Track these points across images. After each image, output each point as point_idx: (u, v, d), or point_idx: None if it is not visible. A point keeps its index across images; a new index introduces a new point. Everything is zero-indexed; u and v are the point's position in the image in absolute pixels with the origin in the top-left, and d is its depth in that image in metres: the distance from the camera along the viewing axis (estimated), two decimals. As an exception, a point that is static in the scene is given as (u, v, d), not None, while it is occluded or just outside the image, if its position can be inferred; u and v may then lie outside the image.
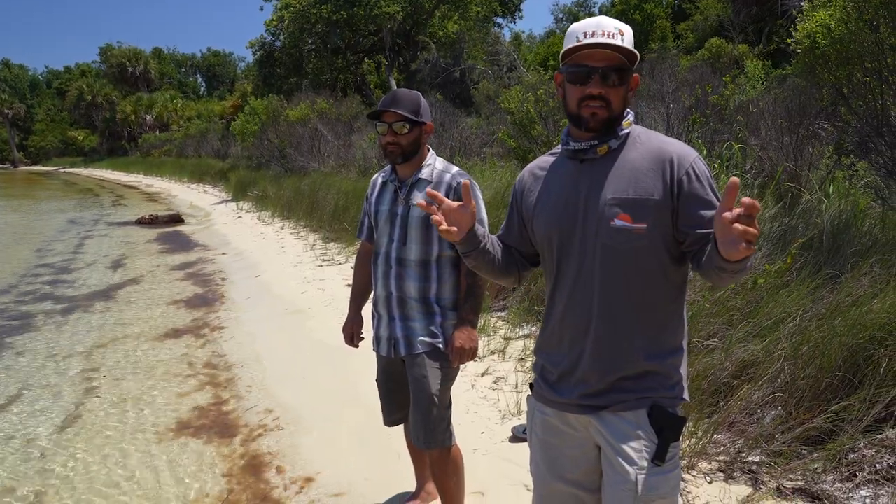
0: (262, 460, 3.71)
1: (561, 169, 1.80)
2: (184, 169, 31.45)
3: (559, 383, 1.79)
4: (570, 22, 45.21)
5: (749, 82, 10.11)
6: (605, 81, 1.66)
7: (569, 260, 1.73)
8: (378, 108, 2.48)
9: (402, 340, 2.56)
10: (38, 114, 79.82)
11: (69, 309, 7.38)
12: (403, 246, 2.52)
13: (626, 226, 1.64)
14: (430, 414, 2.52)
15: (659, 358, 1.72)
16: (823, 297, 3.54)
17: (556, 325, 1.80)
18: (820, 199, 5.66)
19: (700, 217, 1.62)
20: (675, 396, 1.74)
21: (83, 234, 13.94)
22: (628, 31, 1.67)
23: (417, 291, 2.53)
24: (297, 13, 24.37)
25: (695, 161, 1.66)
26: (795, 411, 2.99)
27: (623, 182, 1.66)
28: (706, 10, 25.25)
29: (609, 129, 1.70)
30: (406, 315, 2.56)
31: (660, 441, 1.68)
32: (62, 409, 4.58)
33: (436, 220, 1.70)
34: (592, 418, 1.75)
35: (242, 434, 4.07)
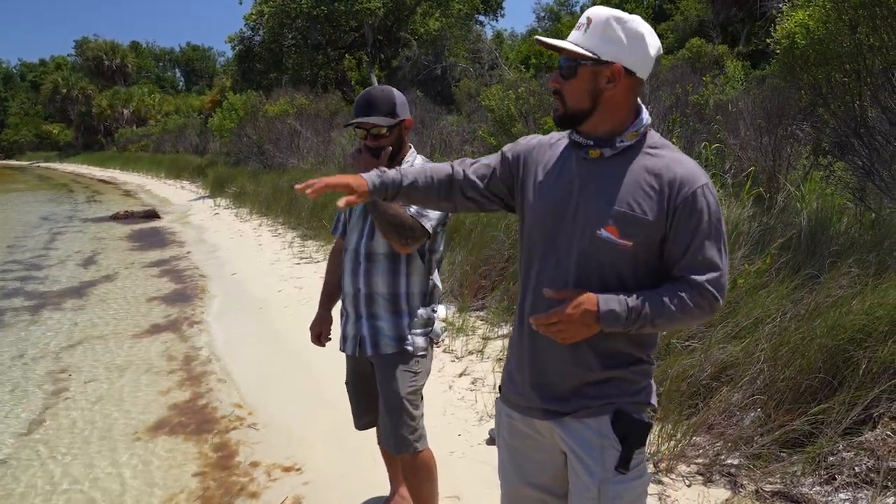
0: (234, 458, 3.64)
1: (566, 158, 1.68)
2: (161, 165, 31.01)
3: (524, 386, 1.73)
4: (551, 21, 45.34)
5: (729, 82, 10.16)
6: (561, 75, 1.61)
7: (547, 255, 1.65)
8: (354, 118, 2.42)
9: (369, 339, 2.48)
10: (11, 107, 78.25)
11: (39, 307, 7.20)
12: (371, 240, 2.45)
13: (610, 238, 1.56)
14: (399, 418, 2.46)
15: (622, 367, 1.66)
16: (803, 298, 3.53)
17: (523, 317, 1.73)
18: (796, 199, 5.68)
19: (688, 253, 1.56)
20: (640, 402, 1.68)
21: (56, 231, 13.66)
22: (598, 19, 1.56)
23: (386, 286, 2.45)
24: (276, 8, 24.11)
25: (702, 188, 1.56)
26: (775, 413, 2.96)
27: (619, 192, 1.57)
28: (686, 11, 25.41)
29: (569, 125, 1.64)
30: (373, 313, 2.48)
31: (623, 448, 1.62)
32: (29, 411, 4.45)
33: (300, 188, 1.66)
34: (555, 425, 1.69)
35: (215, 433, 3.98)
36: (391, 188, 1.74)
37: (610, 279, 1.59)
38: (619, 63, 1.55)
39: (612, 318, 1.53)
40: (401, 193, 1.76)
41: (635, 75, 1.58)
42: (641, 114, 1.63)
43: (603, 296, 1.54)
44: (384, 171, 1.76)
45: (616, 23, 1.54)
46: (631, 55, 1.55)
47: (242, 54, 27.13)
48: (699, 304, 1.56)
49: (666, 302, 1.55)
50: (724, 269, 1.59)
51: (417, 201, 1.84)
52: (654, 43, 1.57)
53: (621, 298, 1.54)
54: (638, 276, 1.60)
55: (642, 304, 1.54)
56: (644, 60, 1.58)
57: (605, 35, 1.54)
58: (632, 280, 1.60)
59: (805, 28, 4.72)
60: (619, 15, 1.55)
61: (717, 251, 1.57)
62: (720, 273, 1.57)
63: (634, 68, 1.57)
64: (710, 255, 1.56)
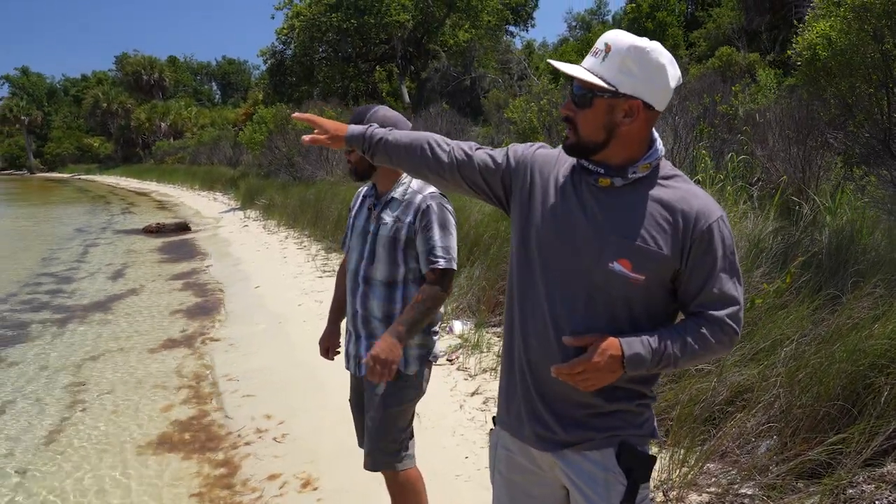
0: (243, 473, 3.62)
1: (575, 182, 1.59)
2: (195, 176, 31.60)
3: (522, 416, 1.65)
4: (582, 31, 45.15)
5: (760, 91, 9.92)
6: (574, 103, 1.52)
7: (550, 285, 1.57)
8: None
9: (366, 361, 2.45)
10: (54, 121, 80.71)
11: (66, 319, 7.33)
12: (371, 265, 2.44)
13: (623, 272, 1.48)
14: (379, 436, 2.44)
15: (626, 401, 1.59)
16: (823, 320, 3.38)
17: (517, 346, 1.65)
18: (825, 213, 5.49)
19: (705, 288, 1.51)
20: (644, 434, 1.61)
21: (89, 243, 13.96)
22: (617, 47, 1.45)
23: (381, 311, 2.43)
24: (307, 21, 24.43)
25: (717, 222, 1.50)
26: (791, 442, 2.83)
27: (633, 224, 1.49)
28: (719, 19, 25.01)
29: (580, 155, 1.55)
30: (370, 333, 2.46)
31: (629, 483, 1.55)
32: (46, 423, 4.50)
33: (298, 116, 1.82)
34: (556, 458, 1.62)
35: (225, 448, 3.97)
36: (370, 141, 1.76)
37: (620, 314, 1.52)
38: (639, 98, 1.47)
39: (637, 361, 1.47)
40: (381, 149, 1.76)
41: (653, 109, 1.50)
42: (655, 144, 1.56)
43: (625, 339, 1.48)
44: (372, 125, 1.80)
45: (637, 54, 1.44)
46: (651, 89, 1.47)
47: (274, 68, 27.52)
48: (720, 340, 1.51)
49: (689, 341, 1.50)
50: (742, 303, 1.55)
51: (400, 161, 1.77)
52: (674, 74, 1.49)
53: (644, 340, 1.48)
54: (650, 311, 1.54)
55: (665, 345, 1.48)
56: (664, 94, 1.49)
57: (625, 66, 1.45)
58: (644, 315, 1.54)
59: (826, 39, 4.56)
60: (641, 44, 1.45)
61: (734, 284, 1.53)
62: (739, 307, 1.53)
63: (653, 102, 1.48)
64: (728, 290, 1.52)
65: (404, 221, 2.40)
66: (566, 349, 1.52)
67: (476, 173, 1.70)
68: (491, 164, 1.69)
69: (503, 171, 1.68)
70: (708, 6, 29.18)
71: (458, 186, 1.74)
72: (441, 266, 2.34)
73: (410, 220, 2.39)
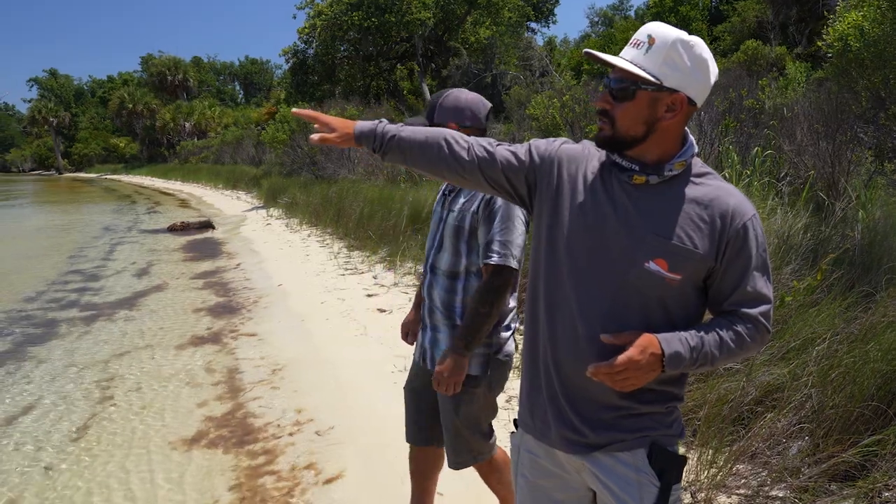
0: (270, 469, 3.65)
1: (605, 179, 1.55)
2: (219, 176, 31.92)
3: (548, 418, 1.62)
4: (605, 26, 44.79)
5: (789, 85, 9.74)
6: (611, 95, 1.49)
7: (581, 284, 1.53)
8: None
9: (429, 351, 2.48)
10: (82, 122, 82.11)
11: (93, 317, 7.42)
12: (438, 253, 2.44)
13: (659, 272, 1.46)
14: (455, 434, 2.44)
15: (658, 403, 1.56)
16: (856, 318, 3.30)
17: (542, 347, 1.62)
18: (857, 208, 5.37)
19: (740, 287, 1.49)
20: (673, 434, 1.58)
21: (115, 241, 14.15)
22: (662, 40, 1.43)
23: (442, 302, 2.41)
24: (328, 20, 24.52)
25: (751, 220, 1.48)
26: (823, 443, 2.76)
27: (668, 223, 1.47)
28: (744, 12, 24.65)
29: (614, 149, 1.52)
30: (434, 325, 2.46)
31: (662, 484, 1.52)
32: (75, 419, 4.55)
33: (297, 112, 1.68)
34: (585, 461, 1.58)
35: (254, 445, 3.99)
36: (381, 139, 1.65)
37: (654, 314, 1.50)
38: (683, 92, 1.45)
39: (677, 360, 1.45)
40: (394, 147, 1.65)
41: (694, 104, 1.48)
42: (689, 141, 1.53)
43: (663, 336, 1.45)
44: (382, 121, 1.68)
45: (683, 47, 1.42)
46: (695, 83, 1.46)
47: (296, 67, 27.66)
48: (754, 338, 1.50)
49: (725, 339, 1.48)
50: (772, 300, 1.54)
51: (414, 160, 1.67)
52: (714, 70, 1.48)
53: (682, 339, 1.46)
54: (683, 310, 1.52)
55: (702, 343, 1.46)
56: (705, 89, 1.48)
57: (670, 59, 1.42)
58: (678, 315, 1.51)
59: (859, 30, 4.44)
60: (686, 38, 1.43)
61: (766, 283, 1.52)
62: (771, 305, 1.53)
63: (696, 97, 1.47)
64: (761, 288, 1.50)
65: (469, 210, 2.33)
66: (598, 350, 1.49)
67: (499, 172, 1.63)
68: (514, 161, 1.64)
69: (527, 169, 1.63)
70: (732, 0, 28.78)
71: (478, 185, 1.68)
72: (493, 262, 2.23)
73: (475, 209, 2.32)
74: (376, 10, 23.90)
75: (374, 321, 6.32)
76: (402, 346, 5.45)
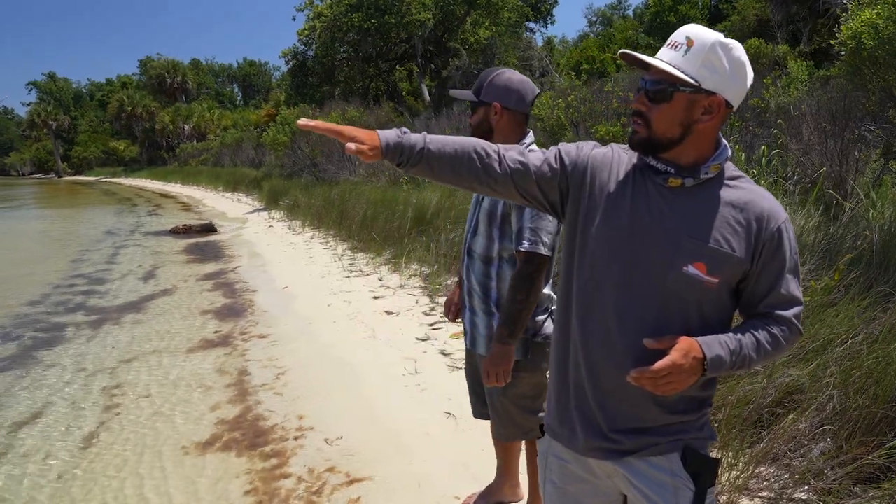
0: (284, 472, 3.63)
1: (639, 182, 1.53)
2: (219, 178, 31.88)
3: (578, 424, 1.60)
4: (603, 26, 44.78)
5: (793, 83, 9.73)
6: (647, 97, 1.48)
7: (619, 289, 1.51)
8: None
9: (470, 334, 2.55)
10: (81, 125, 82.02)
11: (99, 321, 7.40)
12: (474, 237, 2.48)
13: (698, 275, 1.45)
14: (501, 416, 2.55)
15: (692, 412, 1.56)
16: (875, 318, 3.28)
17: (573, 354, 1.60)
18: (867, 207, 5.35)
19: (774, 289, 1.50)
20: (705, 437, 1.58)
21: (118, 244, 14.12)
22: (701, 42, 1.42)
23: (480, 284, 2.46)
24: (328, 22, 24.48)
25: (784, 223, 1.49)
26: (847, 445, 2.74)
27: (706, 226, 1.46)
28: (743, 11, 24.63)
29: (648, 151, 1.50)
30: (473, 307, 2.51)
31: (697, 487, 1.51)
32: (85, 425, 4.53)
33: (303, 124, 1.54)
34: (618, 465, 1.57)
35: (266, 448, 3.97)
36: (408, 152, 1.55)
37: (692, 317, 1.49)
38: (721, 95, 1.44)
39: (718, 363, 1.44)
40: (423, 161, 1.56)
41: (731, 107, 1.48)
42: (723, 144, 1.52)
43: (703, 340, 1.45)
44: (405, 132, 1.58)
45: (722, 49, 1.42)
46: (732, 86, 1.45)
47: (296, 69, 27.62)
48: (788, 339, 1.52)
49: (762, 341, 1.49)
50: (803, 302, 1.55)
51: (443, 173, 1.58)
52: (751, 74, 1.48)
53: (721, 341, 1.46)
54: (719, 313, 1.52)
55: (741, 346, 1.47)
56: (742, 92, 1.48)
57: (709, 62, 1.42)
58: (714, 318, 1.51)
59: (873, 28, 4.43)
60: (724, 41, 1.43)
61: (797, 285, 1.53)
62: (802, 307, 1.54)
63: (733, 100, 1.47)
64: (793, 290, 1.51)
65: None
66: (635, 356, 1.47)
67: (532, 182, 1.59)
68: (547, 171, 1.60)
69: (559, 177, 1.61)
70: (732, -2, 28.77)
71: (509, 195, 1.63)
72: (524, 249, 2.25)
73: None
74: (376, 12, 23.87)
75: (382, 323, 6.30)
76: (411, 349, 5.44)
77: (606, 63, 26.19)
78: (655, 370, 1.41)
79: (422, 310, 6.58)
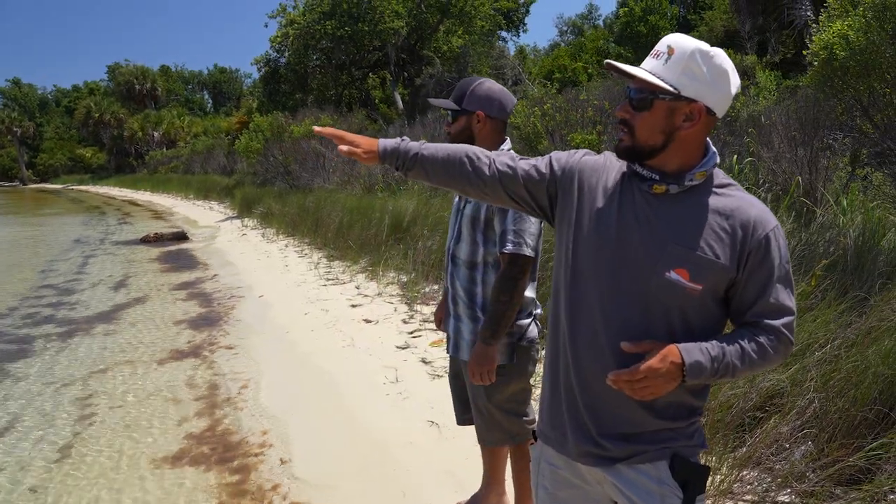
0: (259, 487, 3.55)
1: (626, 189, 1.55)
2: (190, 185, 31.48)
3: (568, 430, 1.61)
4: (574, 35, 45.30)
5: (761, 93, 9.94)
6: (631, 105, 1.50)
7: (604, 294, 1.52)
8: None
9: (453, 341, 2.56)
10: (46, 132, 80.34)
11: (70, 332, 7.23)
12: (457, 244, 2.50)
13: (680, 281, 1.45)
14: (487, 420, 2.54)
15: (682, 419, 1.56)
16: (852, 322, 3.35)
17: (563, 359, 1.61)
18: (836, 214, 5.47)
19: (762, 298, 1.49)
20: (695, 445, 1.58)
21: (87, 254, 13.84)
22: (681, 50, 1.44)
23: (464, 292, 2.48)
24: (301, 29, 24.38)
25: (774, 231, 1.48)
26: (827, 447, 2.79)
27: (690, 233, 1.47)
28: (711, 22, 25.13)
29: (634, 159, 1.52)
30: (457, 314, 2.52)
31: (685, 496, 1.51)
32: (57, 438, 4.41)
33: (319, 131, 1.74)
34: (607, 473, 1.58)
35: (240, 461, 3.91)
36: (403, 156, 1.68)
37: (676, 324, 1.49)
38: (701, 102, 1.45)
39: (697, 370, 1.44)
40: (417, 165, 1.68)
41: (714, 114, 1.48)
42: (711, 152, 1.53)
43: (683, 346, 1.45)
44: (404, 139, 1.71)
45: (701, 57, 1.43)
46: (714, 94, 1.46)
47: (268, 76, 27.45)
48: (776, 349, 1.50)
49: (747, 350, 1.47)
50: (795, 312, 1.53)
51: (437, 176, 1.70)
52: (735, 81, 1.48)
53: (703, 348, 1.45)
54: (704, 321, 1.51)
55: (724, 353, 1.46)
56: (725, 99, 1.48)
57: (689, 69, 1.43)
58: (698, 326, 1.50)
59: (844, 39, 4.54)
60: (705, 48, 1.44)
61: (788, 294, 1.51)
62: (793, 316, 1.52)
63: (715, 107, 1.47)
64: (783, 299, 1.50)
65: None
66: (620, 361, 1.48)
67: (521, 186, 1.65)
68: (535, 175, 1.65)
69: (548, 182, 1.64)
70: (700, 9, 29.34)
71: (499, 199, 1.69)
72: (508, 250, 2.28)
73: None
74: (349, 19, 23.84)
75: (361, 332, 6.26)
76: (391, 357, 5.41)
77: (578, 72, 26.50)
78: (631, 373, 1.43)
79: (401, 318, 6.55)
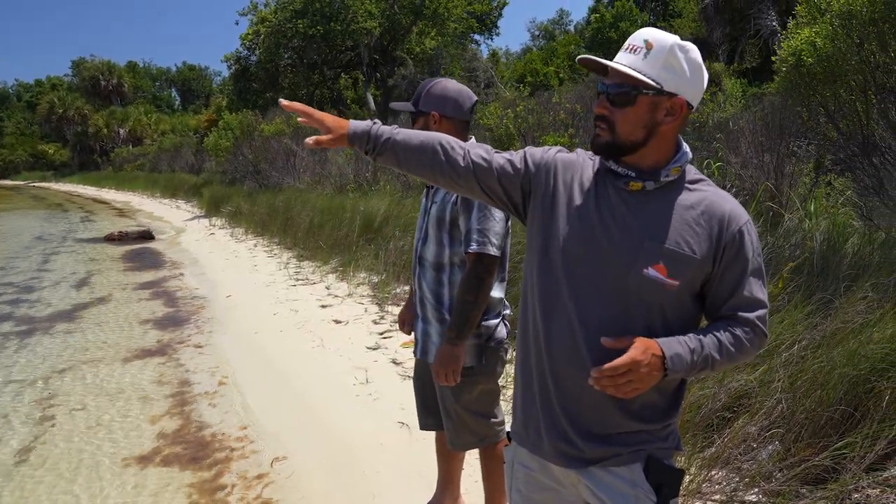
0: (229, 485, 3.48)
1: (601, 186, 1.54)
2: (157, 184, 30.94)
3: (542, 431, 1.59)
4: (545, 40, 45.65)
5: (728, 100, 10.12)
6: (609, 101, 1.49)
7: (574, 292, 1.51)
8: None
9: (421, 343, 2.52)
10: (7, 127, 78.14)
11: (30, 331, 7.03)
12: (424, 245, 2.48)
13: (658, 278, 1.45)
14: (452, 419, 2.50)
15: (657, 420, 1.55)
16: (818, 325, 3.40)
17: (536, 358, 1.59)
18: (802, 219, 5.58)
19: (737, 291, 1.50)
20: (669, 447, 1.58)
21: (49, 252, 13.49)
22: (660, 45, 1.44)
23: (432, 292, 2.45)
24: (272, 28, 24.15)
25: (746, 225, 1.50)
26: (794, 447, 2.83)
27: (666, 229, 1.47)
28: (680, 30, 25.52)
29: (612, 155, 1.51)
30: (425, 317, 2.49)
31: (658, 499, 1.50)
32: (16, 442, 4.27)
33: (287, 105, 1.66)
34: (581, 475, 1.56)
35: (209, 461, 3.83)
36: (374, 140, 1.61)
37: (654, 321, 1.49)
38: (682, 96, 1.46)
39: (678, 361, 1.44)
40: (389, 150, 1.61)
41: (691, 108, 1.49)
42: (683, 147, 1.54)
43: (662, 340, 1.45)
44: (376, 122, 1.65)
45: (680, 51, 1.45)
46: (692, 88, 1.47)
47: (238, 74, 27.12)
48: (752, 342, 1.51)
49: (724, 342, 1.48)
50: (768, 305, 1.55)
51: (409, 163, 1.63)
52: (706, 75, 1.52)
53: (681, 341, 1.46)
54: (681, 317, 1.52)
55: (702, 346, 1.47)
56: (700, 93, 1.51)
57: (669, 64, 1.44)
58: (676, 321, 1.50)
59: (812, 45, 4.64)
60: (682, 43, 1.45)
61: (761, 287, 1.53)
62: (766, 309, 1.54)
63: (692, 100, 1.49)
64: (756, 292, 1.51)
65: (449, 201, 2.38)
66: (598, 358, 1.46)
67: (494, 180, 1.62)
68: (510, 169, 1.62)
69: (522, 177, 1.62)
70: (669, 17, 29.76)
71: (471, 191, 1.66)
72: (473, 249, 2.27)
73: (454, 199, 2.36)
74: (322, 19, 23.68)
75: (331, 332, 6.20)
76: (361, 358, 5.36)
77: (550, 76, 26.69)
78: (615, 367, 1.40)
79: (371, 318, 6.50)
